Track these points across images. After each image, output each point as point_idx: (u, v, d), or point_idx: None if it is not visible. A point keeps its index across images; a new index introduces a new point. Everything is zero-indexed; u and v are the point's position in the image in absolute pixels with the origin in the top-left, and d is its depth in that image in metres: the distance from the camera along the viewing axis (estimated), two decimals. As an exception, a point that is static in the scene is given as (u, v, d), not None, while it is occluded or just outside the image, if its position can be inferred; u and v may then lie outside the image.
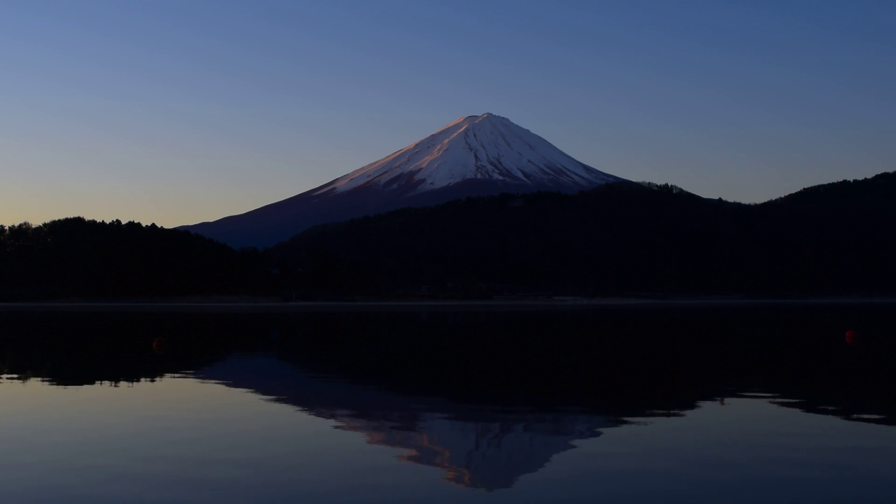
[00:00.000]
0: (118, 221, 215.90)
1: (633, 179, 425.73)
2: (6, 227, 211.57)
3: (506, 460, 10.69)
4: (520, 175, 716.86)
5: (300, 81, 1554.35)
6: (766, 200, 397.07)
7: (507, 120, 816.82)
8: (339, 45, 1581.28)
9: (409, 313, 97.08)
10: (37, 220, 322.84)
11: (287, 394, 17.30)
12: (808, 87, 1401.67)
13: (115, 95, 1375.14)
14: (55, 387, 18.80)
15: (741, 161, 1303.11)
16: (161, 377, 20.66)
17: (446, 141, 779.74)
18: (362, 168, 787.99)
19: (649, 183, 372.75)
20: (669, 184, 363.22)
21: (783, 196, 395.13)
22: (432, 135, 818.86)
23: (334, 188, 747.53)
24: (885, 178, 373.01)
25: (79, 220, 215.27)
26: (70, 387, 18.75)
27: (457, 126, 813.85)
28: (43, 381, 20.12)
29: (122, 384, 19.38)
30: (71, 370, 23.68)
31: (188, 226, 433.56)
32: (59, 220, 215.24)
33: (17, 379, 20.36)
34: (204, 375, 21.31)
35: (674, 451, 10.76)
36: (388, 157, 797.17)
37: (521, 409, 15.16)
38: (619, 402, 16.39)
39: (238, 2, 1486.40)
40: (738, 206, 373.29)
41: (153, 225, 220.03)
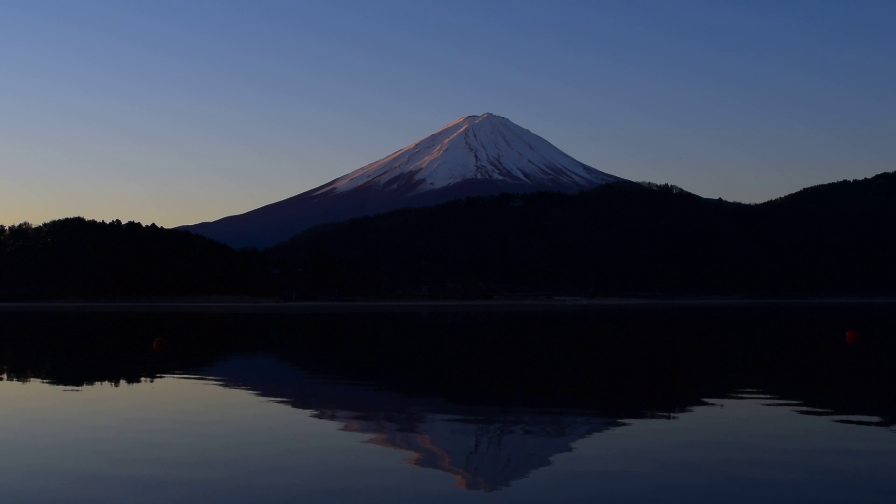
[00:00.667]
0: (118, 221, 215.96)
1: (633, 179, 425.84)
2: (6, 227, 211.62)
3: (505, 461, 10.69)
4: (520, 175, 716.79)
5: (300, 81, 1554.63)
6: (766, 200, 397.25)
7: (507, 120, 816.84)
8: (339, 45, 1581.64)
9: (409, 313, 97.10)
10: (37, 220, 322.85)
11: (286, 394, 17.29)
12: (808, 87, 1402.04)
13: (114, 95, 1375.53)
14: (50, 387, 18.78)
15: (741, 161, 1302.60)
16: (161, 377, 20.66)
17: (446, 141, 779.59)
18: (362, 168, 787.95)
19: (649, 183, 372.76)
20: (669, 184, 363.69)
21: (783, 196, 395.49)
22: (432, 135, 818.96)
23: (334, 188, 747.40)
24: (885, 178, 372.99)
25: (79, 220, 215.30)
26: (65, 387, 18.66)
27: (457, 126, 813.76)
28: (39, 381, 20.12)
29: (118, 385, 19.39)
30: (70, 370, 23.66)
31: (188, 226, 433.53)
32: (59, 220, 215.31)
33: (14, 380, 20.36)
34: (204, 376, 21.30)
35: (674, 452, 10.76)
36: (388, 157, 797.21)
37: (521, 410, 15.16)
38: (619, 402, 16.39)
39: (237, 1, 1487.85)
40: (738, 206, 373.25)
41: (153, 225, 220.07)
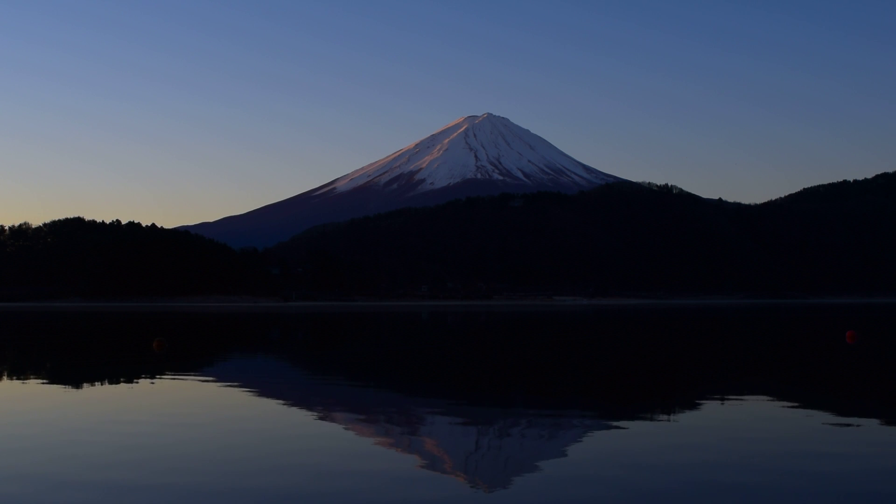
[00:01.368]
0: (118, 221, 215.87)
1: (633, 179, 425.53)
2: (6, 227, 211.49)
3: (505, 461, 10.67)
4: (520, 175, 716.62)
5: (300, 81, 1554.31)
6: (766, 200, 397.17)
7: (507, 120, 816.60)
8: (339, 45, 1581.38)
9: (409, 313, 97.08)
10: (37, 220, 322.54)
11: (285, 394, 17.27)
12: (808, 87, 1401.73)
13: (114, 95, 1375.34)
14: (45, 388, 18.71)
15: (741, 161, 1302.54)
16: (160, 378, 20.64)
17: (446, 141, 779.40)
18: (362, 168, 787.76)
19: (649, 183, 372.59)
20: (669, 184, 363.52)
21: (783, 196, 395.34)
22: (432, 135, 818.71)
23: (334, 188, 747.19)
24: (885, 178, 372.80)
25: (79, 220, 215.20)
26: (62, 387, 18.57)
27: (457, 126, 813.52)
28: (34, 382, 20.08)
29: (113, 385, 19.35)
30: (69, 371, 23.64)
31: (188, 226, 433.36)
32: (59, 220, 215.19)
33: (11, 380, 20.33)
34: (203, 376, 21.28)
35: (674, 452, 10.76)
36: (388, 157, 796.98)
37: (521, 410, 15.15)
38: (619, 402, 16.38)
39: (237, 1, 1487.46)
40: (738, 206, 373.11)
41: (153, 225, 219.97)
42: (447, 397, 17.06)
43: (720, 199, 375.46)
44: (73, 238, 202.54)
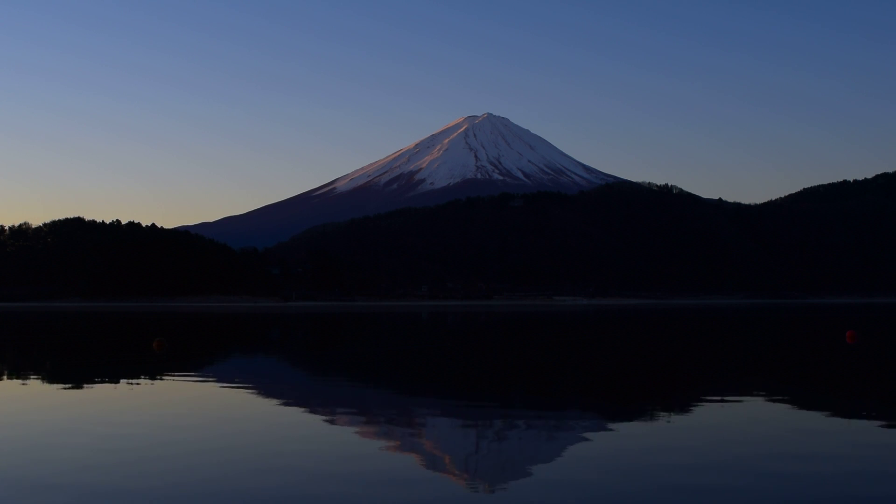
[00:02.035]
0: (118, 221, 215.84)
1: (633, 179, 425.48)
2: (6, 227, 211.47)
3: (505, 461, 10.67)
4: (520, 175, 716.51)
5: (300, 81, 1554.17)
6: (766, 200, 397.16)
7: (507, 120, 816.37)
8: (339, 45, 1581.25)
9: (409, 313, 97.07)
10: (37, 220, 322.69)
11: (285, 394, 17.26)
12: (808, 87, 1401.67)
13: (114, 95, 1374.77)
14: (38, 388, 18.68)
15: (741, 161, 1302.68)
16: (160, 379, 20.62)
17: (446, 141, 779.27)
18: (362, 168, 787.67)
19: (649, 183, 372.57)
20: (669, 184, 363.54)
21: (783, 196, 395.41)
22: (432, 135, 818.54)
23: (334, 188, 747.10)
24: (885, 178, 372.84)
25: (79, 220, 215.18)
26: (55, 388, 18.49)
27: (457, 126, 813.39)
28: (26, 382, 20.06)
29: (109, 386, 19.31)
30: (69, 371, 23.62)
31: (188, 226, 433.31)
32: (59, 220, 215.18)
33: (8, 380, 20.32)
34: (203, 376, 21.27)
35: (673, 452, 10.75)
36: (388, 157, 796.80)
37: (521, 410, 15.15)
38: (619, 402, 16.38)
39: (237, 1, 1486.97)
40: (738, 206, 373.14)
41: (153, 225, 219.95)
42: (447, 397, 17.06)
43: (720, 199, 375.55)
44: (73, 238, 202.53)
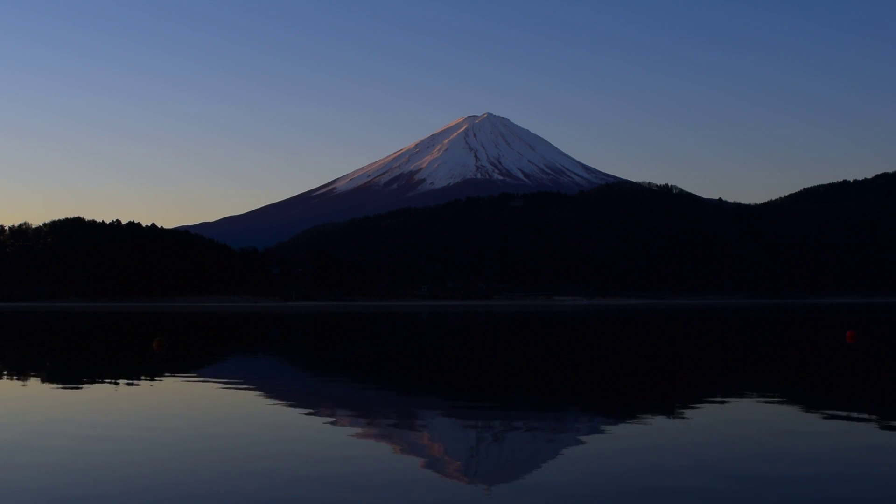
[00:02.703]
0: (118, 221, 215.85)
1: (633, 179, 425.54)
2: (6, 227, 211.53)
3: (506, 461, 10.68)
4: (520, 175, 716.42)
5: (300, 81, 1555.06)
6: (766, 200, 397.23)
7: (507, 120, 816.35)
8: (339, 45, 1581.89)
9: (409, 313, 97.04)
10: (37, 220, 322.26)
11: (284, 394, 17.25)
12: (808, 87, 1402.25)
13: (114, 94, 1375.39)
14: (35, 388, 18.72)
15: (741, 161, 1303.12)
16: (159, 379, 20.61)
17: (446, 141, 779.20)
18: (362, 168, 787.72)
19: (649, 183, 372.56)
20: (669, 184, 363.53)
21: (783, 196, 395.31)
22: (432, 135, 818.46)
23: (334, 188, 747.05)
24: (885, 178, 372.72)
25: (79, 220, 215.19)
26: (49, 388, 18.54)
27: (457, 126, 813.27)
28: (20, 382, 20.06)
29: (103, 386, 19.31)
30: (68, 371, 23.60)
31: (188, 226, 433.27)
32: (59, 220, 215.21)
33: (8, 380, 20.31)
34: (202, 376, 21.26)
35: (673, 452, 10.76)
36: (388, 157, 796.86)
37: (521, 410, 15.15)
38: (619, 402, 16.37)
39: (237, 1, 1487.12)
40: (738, 206, 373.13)
41: (153, 225, 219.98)
42: (447, 397, 17.05)
43: (720, 199, 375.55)
44: (73, 238, 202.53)
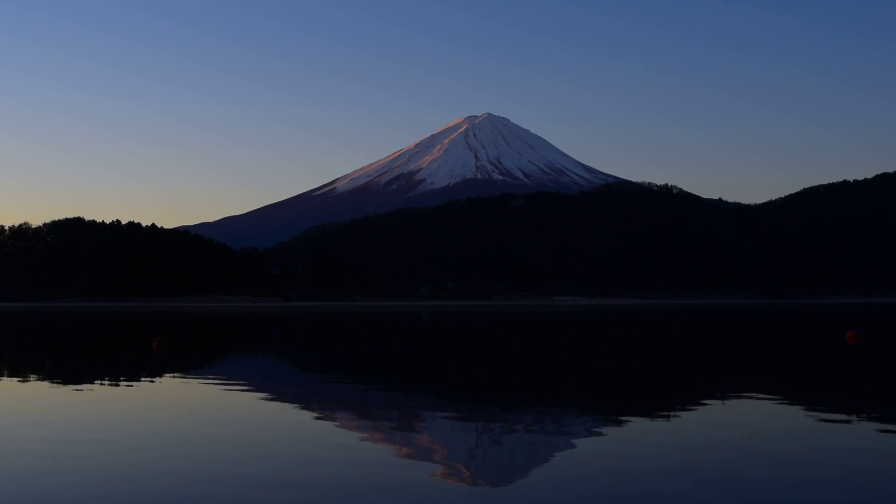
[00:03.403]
0: (118, 221, 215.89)
1: (633, 179, 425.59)
2: (6, 227, 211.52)
3: (506, 460, 10.68)
4: (520, 175, 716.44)
5: (300, 81, 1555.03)
6: (766, 200, 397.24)
7: (507, 120, 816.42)
8: (339, 45, 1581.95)
9: (409, 313, 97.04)
10: (37, 220, 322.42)
11: (283, 394, 17.26)
12: (808, 87, 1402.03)
13: (115, 94, 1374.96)
14: (31, 389, 18.72)
15: (741, 161, 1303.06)
16: (157, 379, 20.61)
17: (446, 141, 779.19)
18: (362, 168, 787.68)
19: (649, 183, 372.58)
20: (669, 184, 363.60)
21: (783, 196, 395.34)
22: (432, 135, 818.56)
23: (334, 188, 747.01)
24: (885, 178, 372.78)
25: (79, 220, 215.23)
26: (45, 388, 18.60)
27: (457, 126, 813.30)
28: (17, 382, 20.05)
29: (102, 386, 19.32)
30: (68, 371, 23.60)
31: (188, 226, 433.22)
32: (59, 220, 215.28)
33: (7, 380, 20.30)
34: (203, 376, 21.25)
35: (673, 452, 10.76)
36: (388, 157, 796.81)
37: (521, 410, 15.14)
38: (619, 402, 16.37)
39: (238, 1, 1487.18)
40: (738, 206, 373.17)
41: (153, 225, 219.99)
42: (447, 398, 17.05)
43: (720, 199, 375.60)
44: (73, 238, 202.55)
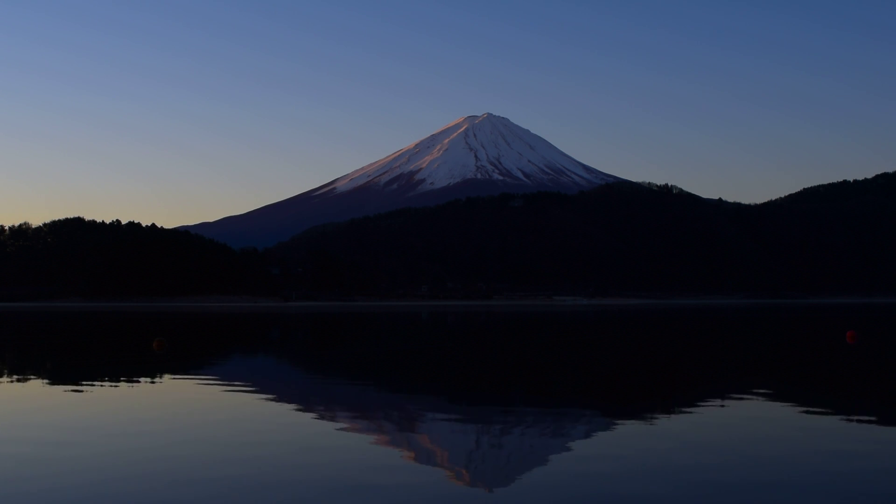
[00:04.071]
0: (118, 221, 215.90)
1: (633, 179, 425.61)
2: (6, 227, 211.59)
3: (506, 461, 10.67)
4: (520, 175, 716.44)
5: (300, 80, 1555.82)
6: (766, 200, 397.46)
7: (507, 120, 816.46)
8: (339, 44, 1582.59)
9: (409, 313, 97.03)
10: (37, 220, 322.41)
11: (286, 394, 17.24)
12: (808, 87, 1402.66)
13: (115, 94, 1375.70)
14: (28, 389, 18.72)
15: (741, 161, 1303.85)
16: (157, 379, 20.61)
17: (446, 141, 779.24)
18: (362, 168, 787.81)
19: (649, 183, 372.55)
20: (669, 184, 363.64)
21: (783, 196, 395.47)
22: (432, 135, 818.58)
23: (334, 188, 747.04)
24: (885, 178, 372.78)
25: (79, 220, 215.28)
26: (43, 388, 18.62)
27: (457, 126, 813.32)
28: (17, 382, 20.05)
29: (101, 387, 19.31)
30: (67, 371, 23.59)
31: (188, 226, 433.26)
32: (59, 220, 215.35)
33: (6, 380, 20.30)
34: (203, 376, 21.23)
35: (673, 452, 10.75)
36: (388, 157, 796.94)
37: (521, 410, 15.14)
38: (619, 402, 16.37)
39: (238, 0, 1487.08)
40: (738, 206, 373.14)
41: (153, 225, 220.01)
42: (447, 397, 17.05)
43: (720, 199, 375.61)
44: (73, 238, 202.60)
